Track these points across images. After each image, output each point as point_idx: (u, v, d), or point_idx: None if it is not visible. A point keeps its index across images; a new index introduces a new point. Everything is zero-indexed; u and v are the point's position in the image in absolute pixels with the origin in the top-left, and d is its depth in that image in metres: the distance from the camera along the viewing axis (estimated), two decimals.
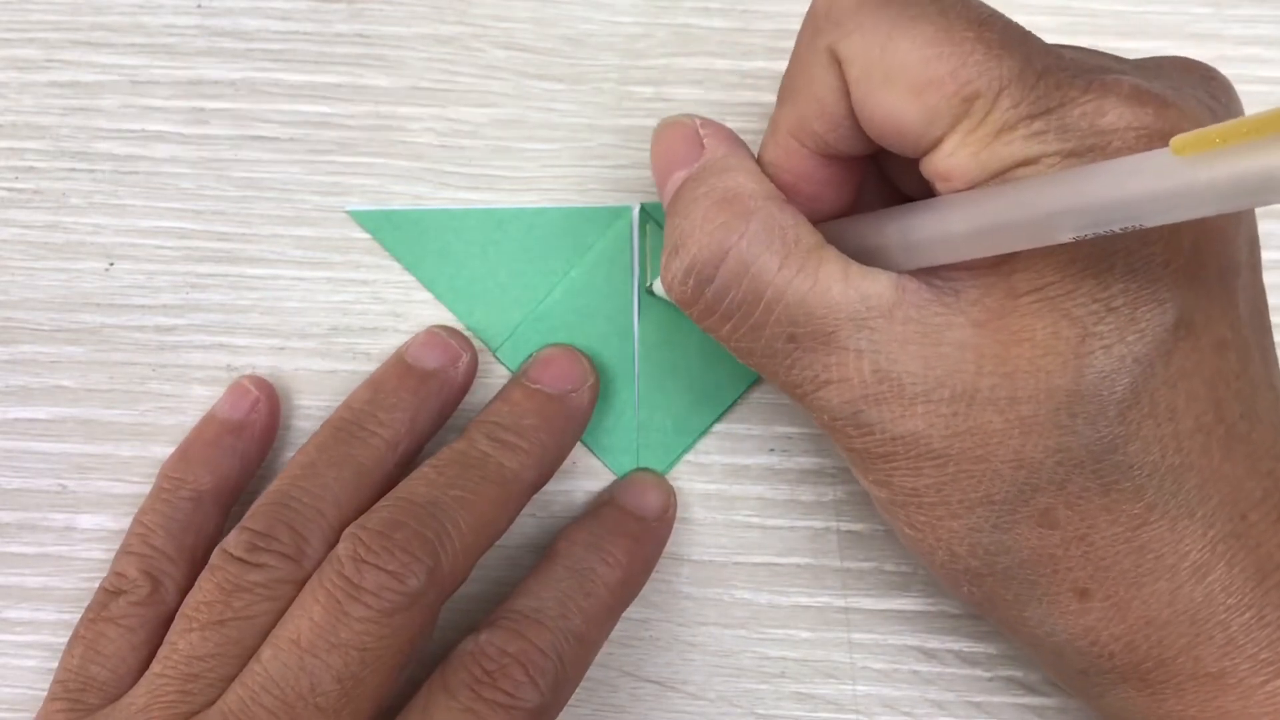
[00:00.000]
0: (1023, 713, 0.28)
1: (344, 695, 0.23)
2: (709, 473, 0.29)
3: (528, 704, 0.23)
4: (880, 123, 0.20)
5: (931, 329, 0.20)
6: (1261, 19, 0.30)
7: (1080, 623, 0.21)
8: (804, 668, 0.28)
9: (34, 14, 0.30)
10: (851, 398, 0.21)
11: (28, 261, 0.29)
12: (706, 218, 0.22)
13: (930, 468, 0.21)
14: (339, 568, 0.24)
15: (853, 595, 0.29)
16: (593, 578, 0.26)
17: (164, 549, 0.26)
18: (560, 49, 0.30)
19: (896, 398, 0.21)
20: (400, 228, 0.29)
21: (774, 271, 0.21)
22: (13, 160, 0.29)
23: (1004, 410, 0.20)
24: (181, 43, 0.30)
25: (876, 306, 0.21)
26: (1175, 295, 0.20)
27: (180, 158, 0.29)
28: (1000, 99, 0.19)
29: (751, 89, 0.30)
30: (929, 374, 0.20)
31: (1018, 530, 0.21)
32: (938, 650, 0.28)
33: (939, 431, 0.21)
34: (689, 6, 0.30)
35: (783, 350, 0.22)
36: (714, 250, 0.21)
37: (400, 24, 0.30)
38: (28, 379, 0.29)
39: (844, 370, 0.21)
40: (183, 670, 0.24)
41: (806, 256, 0.21)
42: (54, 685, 0.26)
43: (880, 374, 0.21)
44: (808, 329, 0.21)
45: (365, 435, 0.26)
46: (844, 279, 0.21)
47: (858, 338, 0.21)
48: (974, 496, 0.21)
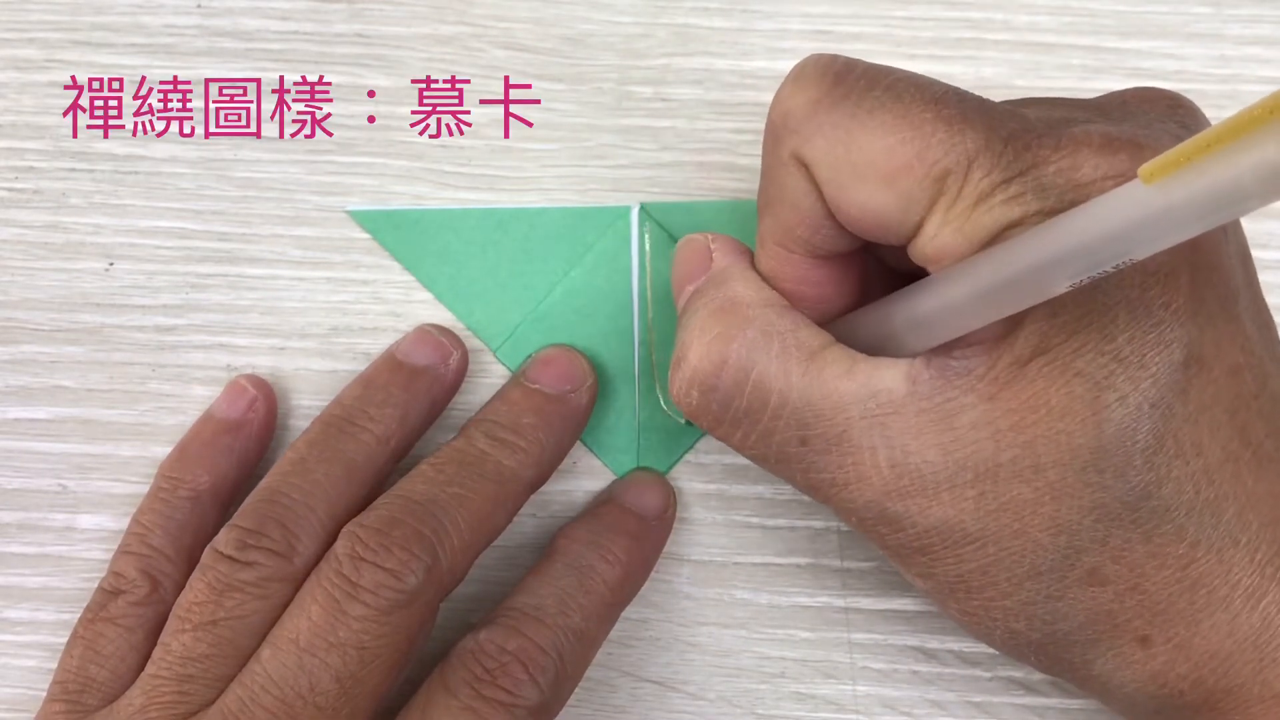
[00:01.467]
0: (1023, 713, 0.28)
1: (343, 694, 0.23)
2: (709, 473, 0.29)
3: (528, 702, 0.23)
4: (859, 218, 0.20)
5: (945, 414, 0.20)
6: (1261, 19, 0.30)
7: (1147, 669, 0.21)
8: (804, 668, 0.28)
9: (34, 14, 0.30)
10: (874, 496, 0.21)
11: (28, 261, 0.29)
12: (704, 328, 0.22)
13: (970, 552, 0.21)
14: (337, 566, 0.24)
15: (853, 595, 0.29)
16: (593, 575, 0.26)
17: (162, 549, 0.26)
18: (560, 49, 0.30)
19: (920, 489, 0.21)
20: (400, 228, 0.29)
21: (778, 377, 0.21)
22: (13, 160, 0.29)
23: (1030, 480, 0.20)
24: (181, 43, 0.30)
25: (887, 400, 0.21)
26: (1180, 333, 0.20)
27: (180, 158, 0.29)
28: (971, 171, 0.19)
29: (751, 89, 0.30)
30: (948, 460, 0.20)
31: (1070, 595, 0.21)
32: (938, 650, 0.28)
33: (970, 515, 0.20)
34: (689, 6, 0.30)
35: (796, 454, 0.22)
36: (713, 360, 0.22)
37: (400, 24, 0.30)
38: (28, 379, 0.29)
39: (861, 469, 0.21)
40: (178, 671, 0.24)
41: (810, 358, 0.21)
42: (53, 686, 0.26)
43: (899, 468, 0.21)
44: (818, 430, 0.21)
45: (356, 431, 0.26)
46: (850, 375, 0.21)
47: (870, 434, 0.21)
48: (1020, 572, 0.21)
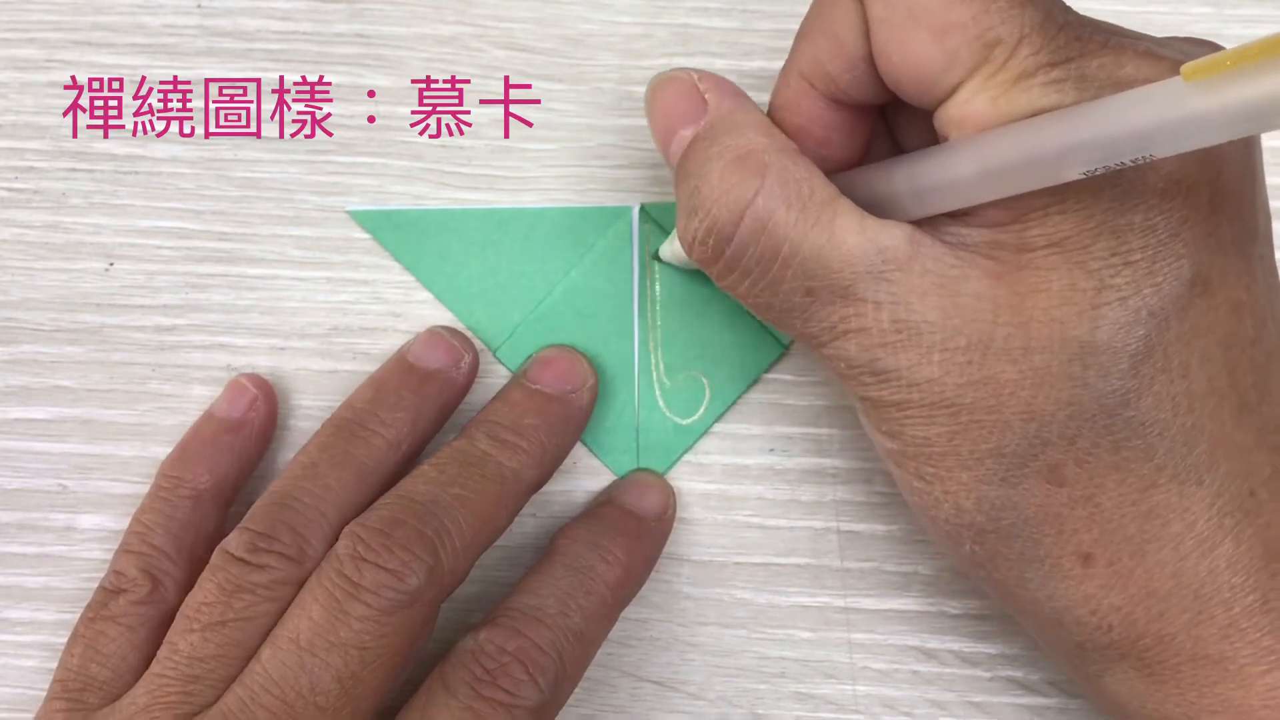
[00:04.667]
0: (1023, 713, 0.28)
1: (344, 694, 0.23)
2: (709, 473, 0.29)
3: (528, 702, 0.23)
4: (899, 65, 0.20)
5: (948, 280, 0.21)
6: (1262, 19, 0.30)
7: (1081, 589, 0.21)
8: (804, 668, 0.28)
9: (34, 14, 0.30)
10: (869, 346, 0.21)
11: (28, 261, 0.29)
12: (723, 178, 0.22)
13: (943, 416, 0.21)
14: (338, 566, 0.24)
15: (853, 595, 0.29)
16: (593, 576, 0.26)
17: (163, 548, 0.26)
18: (560, 49, 0.30)
19: (914, 346, 0.21)
20: (400, 228, 0.29)
21: (790, 226, 0.21)
22: (13, 160, 0.29)
23: (1018, 360, 0.20)
24: (181, 43, 0.30)
25: (893, 259, 0.21)
26: (1192, 252, 0.20)
27: (180, 158, 0.29)
28: (1021, 46, 0.19)
29: (751, 89, 0.29)
30: (947, 322, 0.21)
31: (1025, 485, 0.21)
32: (938, 650, 0.28)
33: (953, 379, 0.21)
34: (689, 6, 0.30)
35: (800, 304, 0.22)
36: (733, 210, 0.21)
37: (400, 24, 0.30)
38: (28, 379, 0.29)
39: (862, 321, 0.21)
40: (184, 671, 0.24)
41: (821, 209, 0.21)
42: (54, 685, 0.26)
43: (899, 324, 0.21)
44: (824, 283, 0.21)
45: (367, 435, 0.26)
46: (859, 231, 0.21)
47: (876, 290, 0.21)
48: (984, 448, 0.21)
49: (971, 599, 0.28)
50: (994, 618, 0.28)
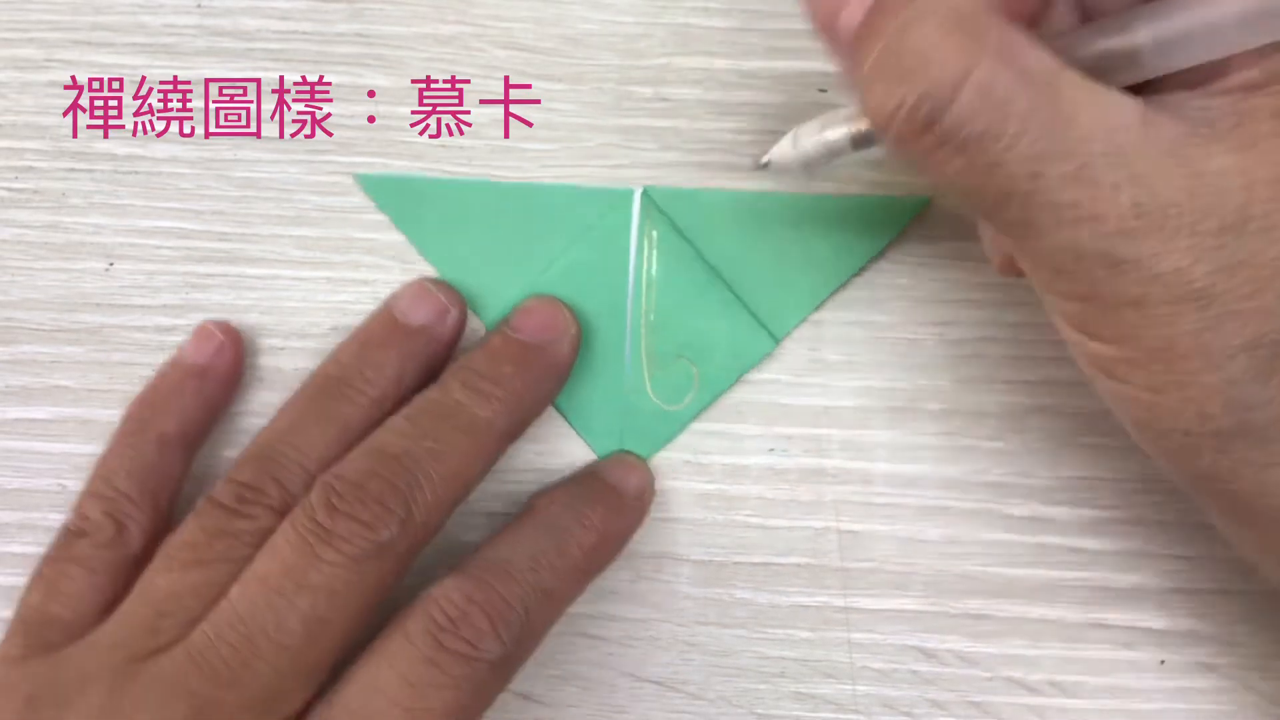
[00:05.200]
0: (1023, 713, 0.28)
1: (309, 636, 0.23)
2: (709, 473, 0.29)
3: (489, 655, 0.23)
4: None
5: (1190, 159, 0.19)
6: None
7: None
8: (804, 668, 0.28)
9: (34, 14, 0.30)
10: (1105, 234, 0.19)
11: (28, 261, 0.29)
12: (942, 40, 0.19)
13: (1191, 310, 0.19)
14: (311, 513, 0.24)
15: (853, 595, 0.29)
16: (568, 538, 0.25)
17: (127, 491, 0.26)
18: (560, 49, 0.30)
19: (1157, 231, 0.19)
20: (403, 195, 0.29)
21: (1019, 100, 0.19)
22: (13, 160, 0.29)
23: (1279, 240, 0.18)
24: (181, 43, 0.30)
25: (1130, 137, 0.19)
26: None
27: (180, 158, 0.29)
28: None
29: (751, 89, 0.30)
30: (1195, 203, 0.19)
31: (1278, 379, 0.19)
32: (938, 650, 0.28)
33: (1204, 267, 0.19)
34: (689, 6, 0.30)
35: (1024, 189, 0.19)
36: (955, 74, 0.19)
37: (400, 24, 0.30)
38: (28, 379, 0.29)
39: (1097, 205, 0.19)
40: (156, 607, 0.24)
41: (1049, 80, 0.19)
42: (14, 623, 0.26)
43: (1140, 207, 0.19)
44: (1054, 162, 0.19)
45: (352, 394, 0.26)
46: (1092, 105, 0.19)
47: (1114, 169, 0.19)
48: (1237, 343, 0.19)
49: (971, 599, 0.28)
50: (994, 618, 0.28)
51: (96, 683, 0.23)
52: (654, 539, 0.29)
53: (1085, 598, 0.28)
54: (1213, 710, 0.28)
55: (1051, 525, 0.29)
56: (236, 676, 0.23)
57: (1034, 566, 0.28)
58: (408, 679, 0.23)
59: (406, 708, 0.23)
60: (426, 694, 0.23)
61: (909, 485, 0.29)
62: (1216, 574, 0.28)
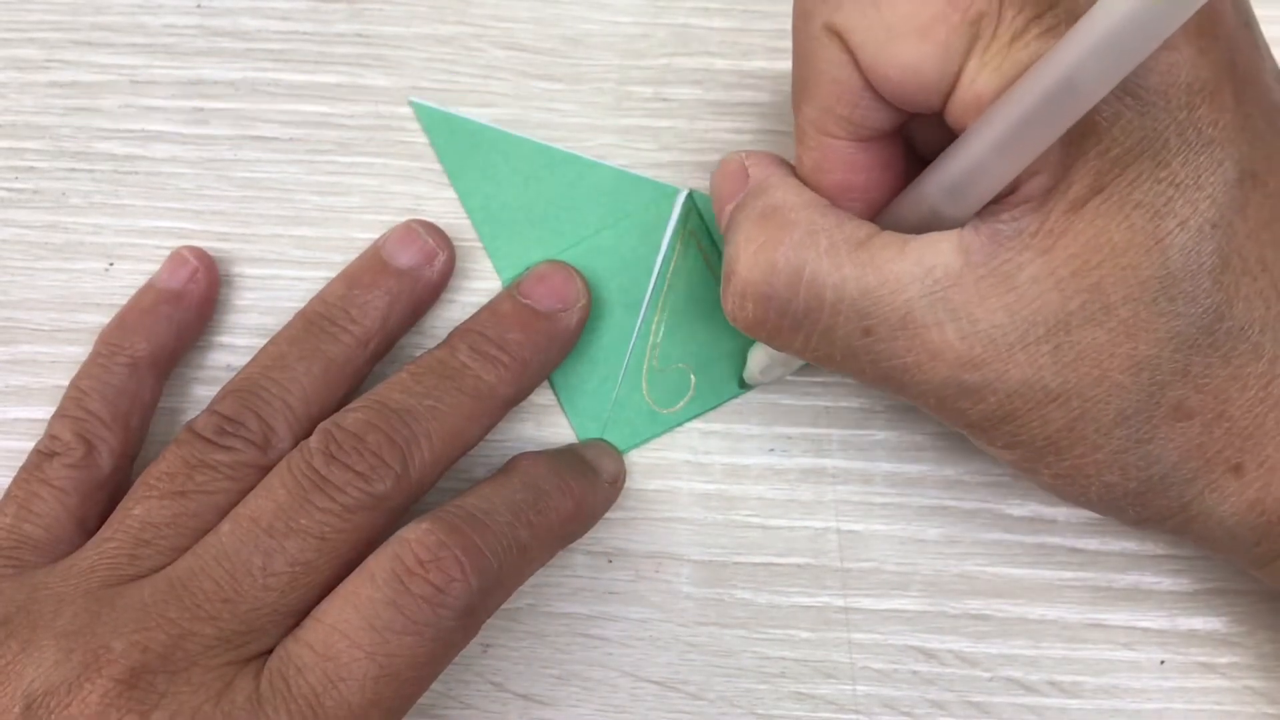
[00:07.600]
0: (1023, 713, 0.28)
1: (293, 580, 0.23)
2: (709, 473, 0.29)
3: (457, 602, 0.23)
4: (898, 80, 0.20)
5: (1004, 275, 0.20)
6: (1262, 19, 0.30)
7: (1244, 498, 0.21)
8: (804, 668, 0.28)
9: (34, 14, 0.30)
10: (949, 371, 0.21)
11: (28, 261, 0.29)
12: (749, 237, 0.22)
13: (1054, 410, 0.21)
14: (308, 458, 0.24)
15: (853, 595, 0.29)
16: (548, 499, 0.25)
17: (98, 413, 0.26)
18: (560, 49, 0.30)
19: (994, 355, 0.20)
20: (455, 134, 0.29)
21: (830, 271, 0.21)
22: (13, 160, 0.29)
23: (1103, 322, 0.20)
24: (181, 43, 0.30)
25: (943, 275, 0.20)
26: (1232, 150, 0.20)
27: (180, 158, 0.29)
28: (1004, 9, 0.19)
29: (751, 89, 0.30)
30: (1016, 319, 0.20)
31: (1160, 435, 0.21)
32: (938, 650, 0.28)
33: (1049, 371, 0.20)
34: (689, 6, 0.30)
35: (862, 346, 0.21)
36: (762, 267, 0.21)
37: (400, 24, 0.30)
38: (28, 379, 0.29)
39: (931, 347, 0.21)
40: (135, 535, 0.24)
41: (858, 248, 0.21)
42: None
43: (969, 339, 0.20)
44: (879, 318, 0.21)
45: (337, 331, 0.26)
46: (902, 256, 0.21)
47: (934, 310, 0.21)
48: (1106, 421, 0.21)
49: (971, 599, 0.28)
50: (994, 618, 0.28)
51: (71, 604, 0.23)
52: (654, 539, 0.29)
53: (1085, 598, 0.28)
54: (1213, 710, 0.28)
55: (1051, 525, 0.29)
56: (217, 611, 0.23)
57: (1034, 566, 0.29)
58: (370, 622, 0.22)
59: (368, 651, 0.22)
60: (387, 638, 0.22)
61: (909, 485, 0.29)
62: (1216, 574, 0.29)
